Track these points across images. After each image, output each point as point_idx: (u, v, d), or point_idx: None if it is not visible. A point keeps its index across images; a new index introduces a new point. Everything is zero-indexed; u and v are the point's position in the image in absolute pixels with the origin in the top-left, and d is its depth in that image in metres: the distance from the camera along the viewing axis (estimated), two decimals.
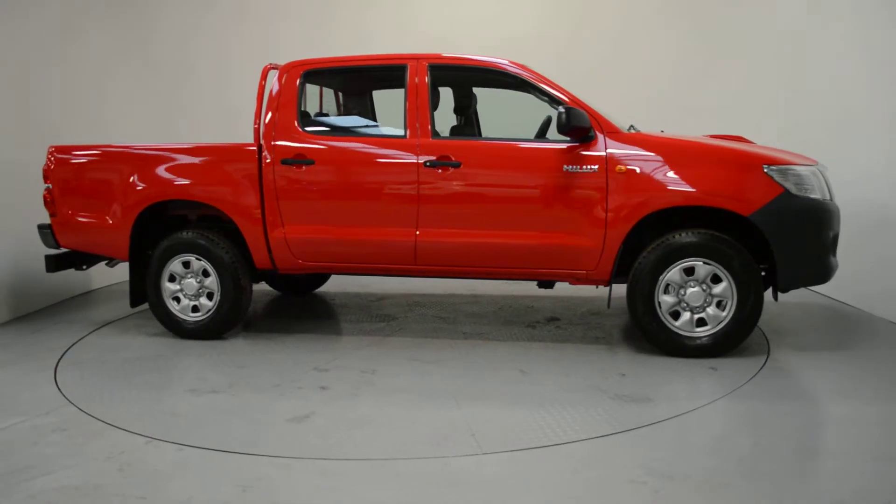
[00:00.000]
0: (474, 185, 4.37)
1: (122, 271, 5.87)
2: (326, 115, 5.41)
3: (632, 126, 4.78)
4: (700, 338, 4.18)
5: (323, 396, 3.73)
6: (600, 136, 4.22)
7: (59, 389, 3.90)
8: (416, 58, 4.55)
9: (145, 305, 4.98)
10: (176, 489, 2.75)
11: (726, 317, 4.13)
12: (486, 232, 4.38)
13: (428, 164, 4.37)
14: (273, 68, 4.79)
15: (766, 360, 4.18)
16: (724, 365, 4.08)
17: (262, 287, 6.35)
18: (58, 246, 5.02)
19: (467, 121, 5.34)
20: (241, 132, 4.61)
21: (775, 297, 4.30)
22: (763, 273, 4.20)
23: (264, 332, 5.04)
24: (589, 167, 4.21)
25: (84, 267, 5.24)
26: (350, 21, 7.42)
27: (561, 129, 4.13)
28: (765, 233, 4.04)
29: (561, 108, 4.08)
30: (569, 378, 3.94)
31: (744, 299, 4.08)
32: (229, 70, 7.35)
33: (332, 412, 3.52)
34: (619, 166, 4.17)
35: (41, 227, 5.02)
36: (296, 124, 4.60)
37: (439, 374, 4.04)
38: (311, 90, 5.47)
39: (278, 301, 6.06)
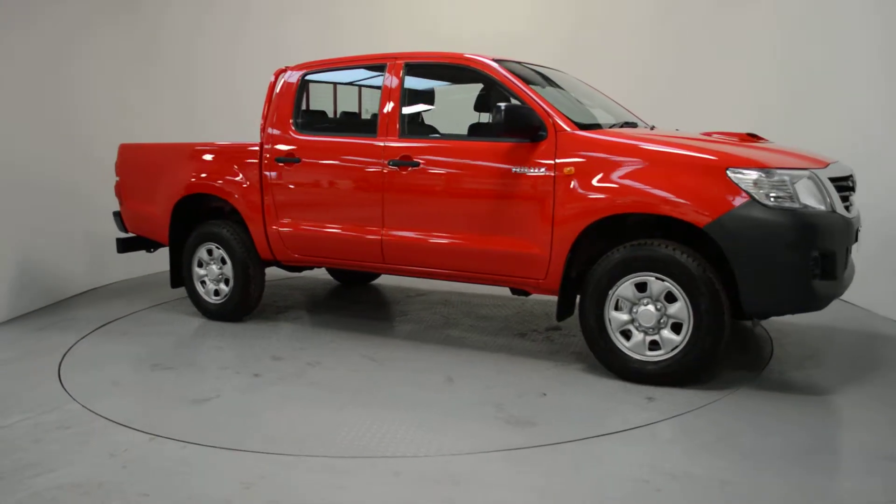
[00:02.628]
0: (430, 186, 4.27)
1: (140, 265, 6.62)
2: (353, 114, 5.60)
3: (627, 123, 4.34)
4: (650, 363, 3.69)
5: (245, 382, 3.94)
6: (552, 136, 3.89)
7: (63, 386, 3.95)
8: (395, 57, 4.54)
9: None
10: (178, 486, 2.77)
11: (681, 341, 3.60)
12: (441, 233, 4.26)
13: (391, 163, 4.37)
14: (285, 71, 5.08)
15: (732, 390, 3.57)
16: (667, 395, 3.56)
17: (322, 274, 6.75)
18: (126, 230, 5.82)
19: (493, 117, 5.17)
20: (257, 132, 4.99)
21: (753, 324, 3.65)
22: None
23: (283, 318, 5.37)
24: (536, 169, 3.90)
25: (151, 250, 6.00)
26: (361, 20, 7.50)
27: (497, 129, 3.89)
28: (722, 247, 3.44)
29: (500, 105, 3.84)
30: (487, 391, 3.73)
31: (701, 322, 3.52)
32: (246, 69, 7.24)
33: (233, 398, 3.72)
34: (567, 168, 3.82)
35: (115, 214, 5.86)
36: (291, 124, 4.85)
37: (368, 374, 4.04)
38: (344, 91, 5.71)
39: (333, 290, 6.38)
